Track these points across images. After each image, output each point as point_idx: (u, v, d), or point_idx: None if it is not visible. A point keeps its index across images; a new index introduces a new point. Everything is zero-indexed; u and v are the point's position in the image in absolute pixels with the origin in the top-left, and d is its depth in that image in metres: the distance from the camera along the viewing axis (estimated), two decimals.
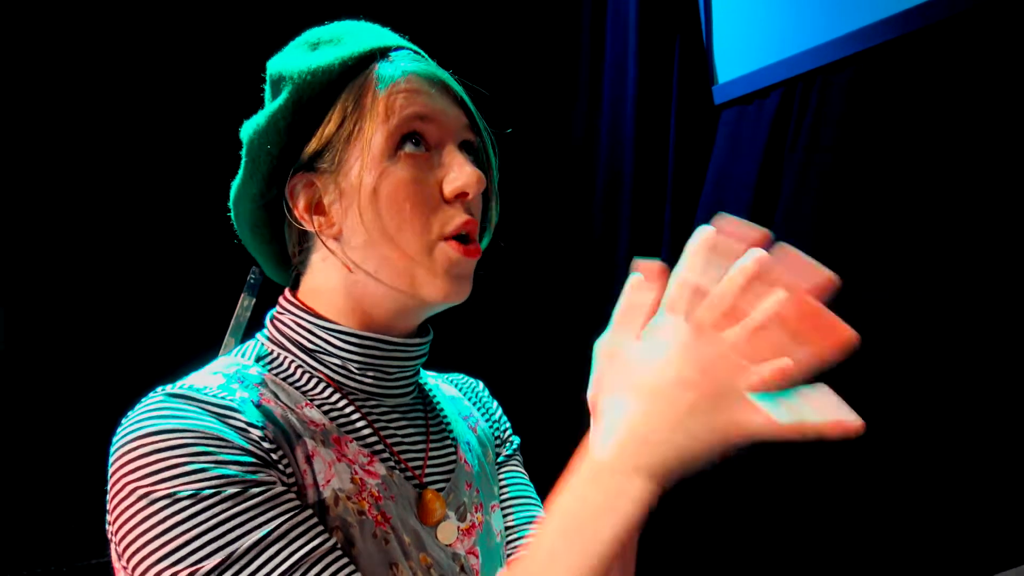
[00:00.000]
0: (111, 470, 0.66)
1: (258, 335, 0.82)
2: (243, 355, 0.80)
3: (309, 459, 0.71)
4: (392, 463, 0.77)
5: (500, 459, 0.93)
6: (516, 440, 0.97)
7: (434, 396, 0.89)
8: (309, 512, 0.66)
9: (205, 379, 0.72)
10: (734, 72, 2.00)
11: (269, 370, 0.77)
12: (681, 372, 0.54)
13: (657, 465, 0.54)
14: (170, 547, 0.61)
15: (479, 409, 0.96)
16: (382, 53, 0.77)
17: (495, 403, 0.99)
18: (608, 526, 0.55)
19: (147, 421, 0.65)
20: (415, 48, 0.82)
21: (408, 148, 0.75)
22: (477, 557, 0.80)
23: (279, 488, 0.66)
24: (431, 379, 0.94)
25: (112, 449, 0.66)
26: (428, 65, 0.79)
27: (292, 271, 0.84)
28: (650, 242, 2.15)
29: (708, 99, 2.04)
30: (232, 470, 0.63)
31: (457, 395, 0.95)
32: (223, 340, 1.22)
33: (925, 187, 1.54)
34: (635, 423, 0.55)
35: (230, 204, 0.82)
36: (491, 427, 0.95)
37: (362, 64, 0.76)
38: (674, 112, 2.07)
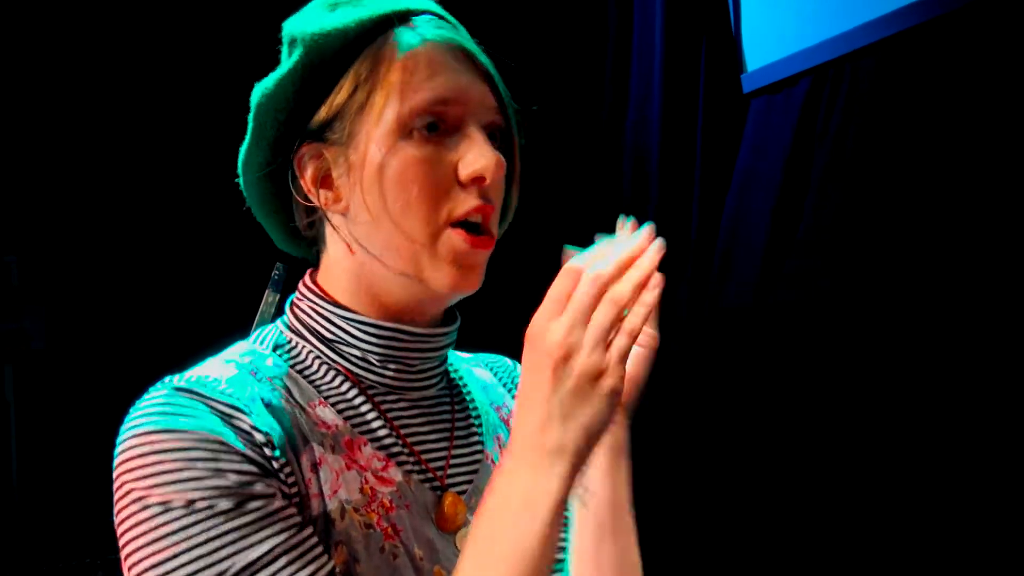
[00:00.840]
0: (114, 464, 0.64)
1: (279, 321, 0.79)
2: (262, 342, 0.76)
3: (316, 467, 0.67)
4: (410, 466, 0.73)
5: None
6: None
7: (464, 385, 0.85)
8: (308, 532, 0.63)
9: (218, 369, 0.69)
10: (762, 60, 1.97)
11: (285, 361, 0.74)
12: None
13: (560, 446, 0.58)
14: (160, 557, 0.59)
15: (512, 394, 0.90)
16: (403, 17, 0.71)
17: None
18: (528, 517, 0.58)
19: (149, 417, 0.63)
20: (442, 12, 0.75)
21: (423, 131, 0.70)
22: None
23: (278, 503, 0.63)
24: (463, 363, 0.90)
25: (117, 441, 0.64)
26: (454, 33, 0.73)
27: (307, 245, 0.80)
28: (677, 234, 2.14)
29: (736, 87, 2.02)
30: (229, 480, 0.61)
31: (491, 380, 0.90)
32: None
33: (958, 176, 1.51)
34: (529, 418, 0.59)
35: (238, 170, 0.77)
36: None
37: (380, 28, 0.70)
38: (701, 101, 2.05)
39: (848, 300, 1.65)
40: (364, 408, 0.73)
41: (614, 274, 0.60)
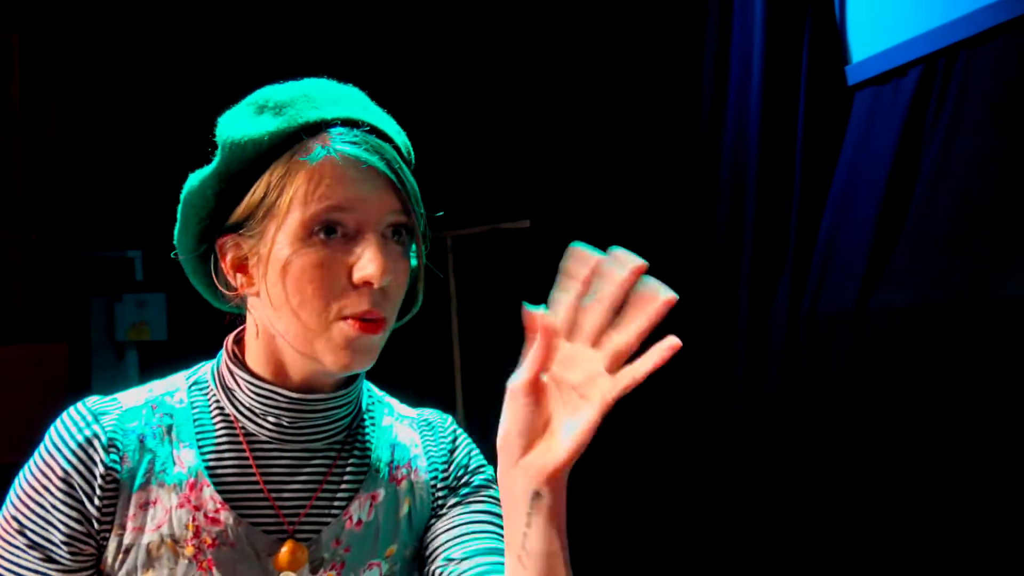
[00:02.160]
0: None
1: (214, 360, 0.90)
2: (189, 376, 0.89)
3: (145, 505, 0.81)
4: (246, 511, 0.83)
5: (449, 504, 0.91)
6: (479, 479, 0.93)
7: (368, 441, 0.91)
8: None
9: (132, 397, 0.86)
10: (869, 50, 1.89)
11: (189, 398, 0.87)
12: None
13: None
14: None
15: (429, 453, 0.94)
16: (315, 128, 0.79)
17: (456, 446, 0.95)
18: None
19: (49, 435, 0.82)
20: (361, 117, 0.82)
21: (322, 235, 0.78)
22: None
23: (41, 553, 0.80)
24: (397, 417, 0.96)
25: None
26: (360, 147, 0.79)
27: (235, 306, 0.90)
28: (775, 234, 2.07)
29: (840, 80, 1.94)
30: (30, 517, 0.80)
31: (409, 441, 0.94)
32: None
33: None
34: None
35: (175, 242, 0.87)
36: (434, 475, 0.92)
37: (292, 139, 0.79)
38: (803, 95, 1.98)
39: (958, 305, 1.56)
40: (228, 455, 0.84)
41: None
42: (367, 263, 0.77)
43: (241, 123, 0.81)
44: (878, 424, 1.69)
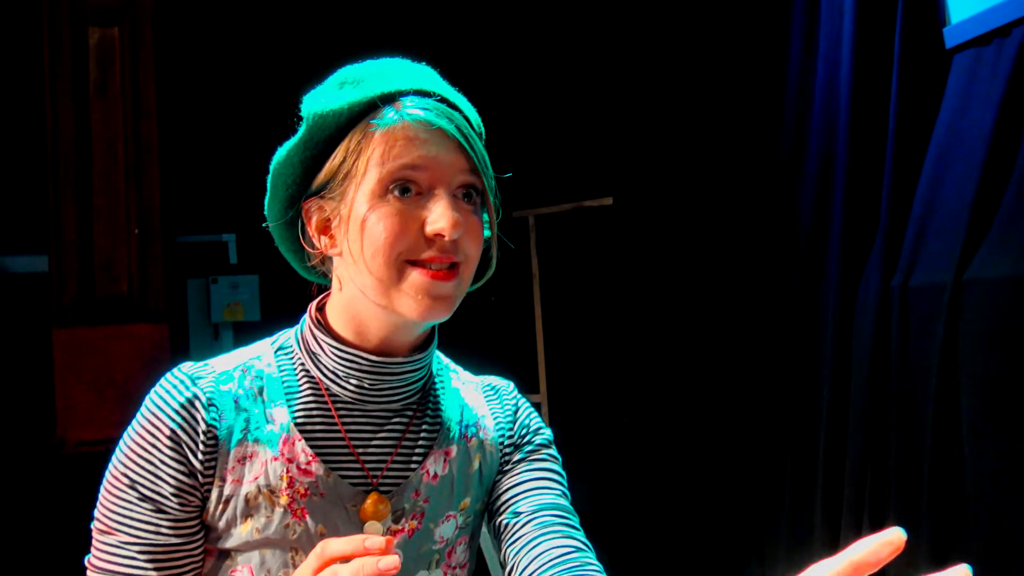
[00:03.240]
0: None
1: (297, 327, 0.96)
2: (274, 341, 0.96)
3: (243, 459, 0.87)
4: (334, 465, 0.89)
5: (515, 460, 1.00)
6: (541, 438, 1.02)
7: (440, 401, 0.98)
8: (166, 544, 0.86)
9: (223, 363, 0.92)
10: (969, 9, 1.79)
11: (278, 362, 0.93)
12: None
13: None
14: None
15: (495, 414, 1.02)
16: (391, 98, 0.86)
17: (518, 408, 1.04)
18: None
19: (153, 393, 0.88)
20: (432, 89, 0.88)
21: (396, 193, 0.84)
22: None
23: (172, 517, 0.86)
24: (463, 382, 1.04)
25: None
26: (431, 112, 0.85)
27: (321, 276, 0.98)
28: (867, 208, 2.00)
29: (938, 42, 1.85)
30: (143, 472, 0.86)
31: (476, 403, 1.02)
32: None
33: None
34: None
35: (265, 212, 0.94)
36: (501, 434, 1.01)
37: (370, 108, 0.86)
38: (897, 58, 1.89)
39: None
40: (316, 413, 0.91)
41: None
42: (439, 217, 0.83)
43: (324, 97, 0.87)
44: (975, 400, 1.62)
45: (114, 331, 2.65)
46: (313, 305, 0.95)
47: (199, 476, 0.86)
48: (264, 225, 0.95)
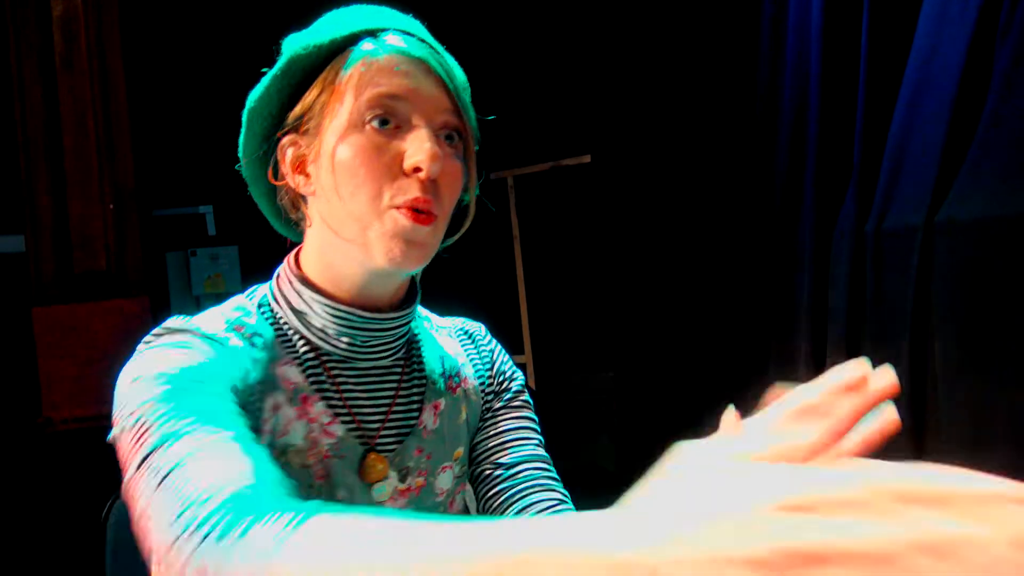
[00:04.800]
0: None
1: (268, 284, 0.90)
2: (251, 297, 0.89)
3: (275, 409, 0.81)
4: (351, 425, 0.85)
5: (495, 408, 0.99)
6: (517, 384, 1.01)
7: (422, 354, 0.95)
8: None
9: (210, 321, 0.83)
10: None
11: (268, 320, 0.87)
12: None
13: None
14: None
15: (474, 361, 1.00)
16: (371, 33, 0.82)
17: (493, 350, 1.02)
18: None
19: (154, 339, 0.78)
20: (412, 29, 0.85)
21: (375, 123, 0.79)
22: None
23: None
24: (436, 329, 1.00)
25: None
26: (414, 46, 0.82)
27: (295, 228, 0.92)
28: (839, 152, 2.00)
29: None
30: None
31: (452, 351, 0.99)
32: None
33: None
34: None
35: (239, 156, 0.90)
36: (481, 380, 0.99)
37: (350, 42, 0.82)
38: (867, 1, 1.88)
39: None
40: (321, 370, 0.86)
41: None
42: (417, 150, 0.79)
43: (306, 34, 0.85)
44: (949, 340, 1.64)
45: (94, 307, 2.63)
46: (291, 257, 0.90)
47: (250, 394, 0.77)
48: (237, 167, 0.90)
